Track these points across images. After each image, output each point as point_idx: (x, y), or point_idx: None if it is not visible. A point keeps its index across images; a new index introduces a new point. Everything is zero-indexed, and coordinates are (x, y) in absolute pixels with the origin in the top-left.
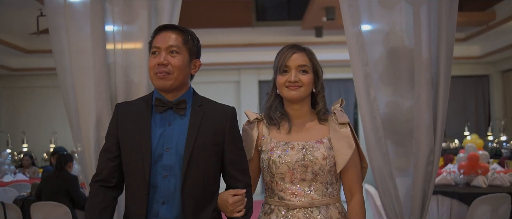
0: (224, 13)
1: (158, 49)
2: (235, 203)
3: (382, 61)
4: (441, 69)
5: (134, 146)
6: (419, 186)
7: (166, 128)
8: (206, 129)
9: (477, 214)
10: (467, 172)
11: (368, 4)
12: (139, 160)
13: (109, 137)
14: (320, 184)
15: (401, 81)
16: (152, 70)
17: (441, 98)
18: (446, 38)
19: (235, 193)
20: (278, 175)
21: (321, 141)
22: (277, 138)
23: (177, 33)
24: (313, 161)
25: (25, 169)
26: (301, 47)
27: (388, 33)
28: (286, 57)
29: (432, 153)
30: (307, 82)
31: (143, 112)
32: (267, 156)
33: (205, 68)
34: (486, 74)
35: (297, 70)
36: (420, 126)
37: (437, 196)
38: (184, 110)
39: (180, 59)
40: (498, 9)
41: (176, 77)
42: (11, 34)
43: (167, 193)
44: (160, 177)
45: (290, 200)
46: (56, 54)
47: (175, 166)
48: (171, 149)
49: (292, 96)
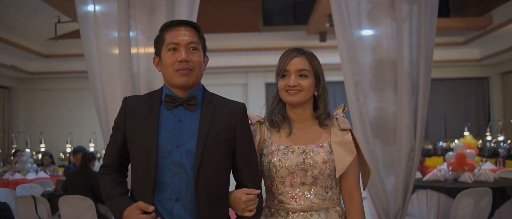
0: (232, 19)
1: (177, 45)
2: (248, 201)
3: (372, 71)
4: (420, 78)
5: (141, 142)
6: (401, 179)
7: (176, 124)
8: (217, 125)
9: (461, 206)
10: (455, 169)
11: (358, 20)
12: (145, 156)
13: (116, 130)
14: (320, 188)
15: (387, 89)
16: (172, 67)
17: (421, 104)
18: (425, 51)
19: (249, 193)
20: (278, 178)
21: (322, 145)
22: (278, 141)
23: (193, 29)
24: (313, 165)
25: (45, 167)
26: (302, 51)
27: (375, 47)
28: (286, 61)
29: (412, 150)
30: (307, 87)
31: (152, 108)
32: (268, 160)
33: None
34: (486, 77)
35: (297, 75)
36: (402, 127)
37: (426, 191)
38: (194, 106)
39: (199, 56)
40: (495, 15)
41: (196, 74)
42: (29, 40)
43: (179, 190)
44: (170, 174)
45: (290, 203)
46: (87, 59)
47: (186, 163)
48: (181, 145)
49: (292, 101)
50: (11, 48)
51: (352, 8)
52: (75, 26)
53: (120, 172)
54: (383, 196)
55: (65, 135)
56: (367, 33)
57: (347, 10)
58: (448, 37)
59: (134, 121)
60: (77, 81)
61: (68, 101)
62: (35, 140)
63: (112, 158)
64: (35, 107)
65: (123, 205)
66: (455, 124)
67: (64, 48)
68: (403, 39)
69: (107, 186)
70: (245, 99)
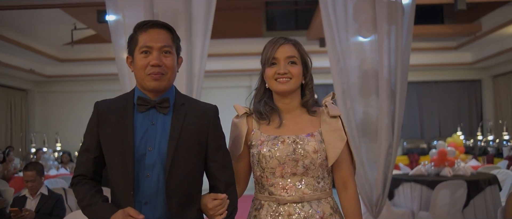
0: (237, 25)
1: (150, 49)
2: (215, 207)
3: (359, 81)
4: (397, 86)
5: (116, 146)
6: (381, 171)
7: (149, 127)
8: (189, 127)
9: (439, 197)
10: (437, 164)
11: (346, 37)
12: (123, 160)
13: (89, 136)
14: (311, 178)
15: (372, 95)
16: (143, 71)
17: (398, 107)
18: (401, 63)
19: (215, 197)
20: (268, 169)
21: (312, 134)
22: (267, 132)
23: (167, 31)
24: (304, 154)
25: (65, 164)
26: (288, 38)
27: (361, 60)
28: (274, 49)
29: (390, 146)
30: (297, 74)
31: (125, 111)
32: (257, 151)
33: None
34: (478, 79)
35: (286, 62)
36: (382, 127)
37: (410, 183)
38: (167, 108)
39: (172, 59)
40: (484, 22)
41: (169, 77)
42: (47, 45)
43: (149, 193)
44: (142, 177)
45: (281, 194)
46: (117, 63)
47: (158, 165)
48: (154, 148)
49: (282, 89)
50: (30, 53)
51: (341, 27)
52: (90, 33)
53: (96, 180)
54: (367, 185)
55: (80, 134)
56: (354, 47)
57: (337, 28)
58: (441, 42)
59: (108, 125)
60: (91, 84)
61: (82, 103)
62: (51, 140)
63: (86, 167)
64: (50, 109)
65: (108, 211)
66: (448, 124)
67: (79, 53)
68: (383, 53)
69: (86, 195)
70: (249, 101)
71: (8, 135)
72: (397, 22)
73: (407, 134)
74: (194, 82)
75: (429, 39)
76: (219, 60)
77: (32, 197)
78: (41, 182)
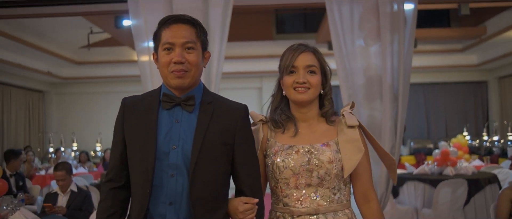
0: (248, 29)
1: (172, 45)
2: (245, 211)
3: (364, 87)
4: (400, 91)
5: (138, 143)
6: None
7: (173, 125)
8: (215, 127)
9: (441, 195)
10: (439, 164)
11: (352, 45)
12: (143, 157)
13: (116, 132)
14: (327, 189)
15: (377, 100)
16: (166, 68)
17: (400, 110)
18: (403, 68)
19: (247, 201)
20: (282, 180)
21: (328, 143)
22: (281, 141)
23: (190, 26)
24: (319, 164)
25: (83, 163)
26: (309, 46)
27: (366, 68)
28: (293, 56)
29: (393, 147)
30: (315, 84)
31: (150, 108)
32: (271, 160)
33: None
34: (484, 81)
35: (305, 71)
36: (385, 129)
37: (414, 182)
38: (192, 106)
39: (196, 55)
40: (488, 25)
41: (193, 74)
42: (63, 48)
43: (174, 194)
44: (166, 176)
45: (295, 206)
46: (140, 65)
47: (182, 165)
48: (178, 147)
49: (300, 99)
50: (48, 56)
51: (347, 36)
52: (105, 36)
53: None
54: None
55: (95, 134)
56: (359, 55)
57: (344, 38)
58: (448, 44)
59: (132, 121)
60: (105, 86)
61: (97, 104)
62: (68, 140)
63: (116, 171)
64: (67, 110)
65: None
66: (455, 124)
67: (95, 56)
68: (386, 60)
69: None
70: (260, 102)
71: (26, 135)
72: (400, 31)
73: (414, 134)
74: (212, 84)
75: (435, 42)
76: (230, 63)
77: (63, 194)
78: (71, 180)
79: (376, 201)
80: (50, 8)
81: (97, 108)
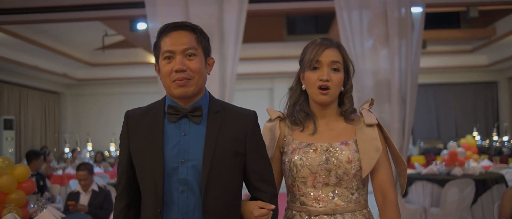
0: (259, 30)
1: (173, 53)
2: (260, 216)
3: (373, 90)
4: (407, 93)
5: (145, 159)
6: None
7: (181, 138)
8: (225, 138)
9: (448, 194)
10: (447, 164)
11: (361, 51)
12: (151, 174)
13: (122, 148)
14: (345, 189)
15: (385, 103)
16: (168, 78)
17: (408, 112)
18: (411, 72)
19: (263, 206)
20: (299, 178)
21: (347, 142)
22: (299, 138)
23: (190, 32)
24: (337, 164)
25: (98, 163)
26: (334, 41)
27: (374, 71)
28: (318, 52)
29: (401, 148)
30: (338, 83)
31: (156, 121)
32: (288, 158)
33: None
34: (495, 81)
35: (329, 68)
36: (394, 130)
37: (422, 182)
38: (200, 117)
39: (198, 62)
40: (498, 26)
41: (196, 82)
42: (79, 50)
43: (186, 210)
44: (176, 192)
45: (312, 205)
46: None
47: (193, 180)
48: (187, 161)
49: (322, 101)
50: (63, 58)
51: (357, 42)
52: (119, 38)
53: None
54: None
55: (109, 135)
56: (368, 60)
57: (353, 43)
58: (458, 45)
59: (138, 137)
60: (119, 87)
61: (112, 105)
62: (82, 140)
63: (124, 186)
64: (82, 110)
65: None
66: (465, 125)
67: (109, 58)
68: (394, 64)
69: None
70: (271, 102)
71: (42, 135)
72: (407, 35)
73: (424, 134)
74: (227, 86)
75: (445, 43)
76: (241, 64)
77: (85, 193)
78: (92, 179)
79: (393, 198)
80: (69, 14)
81: (111, 109)
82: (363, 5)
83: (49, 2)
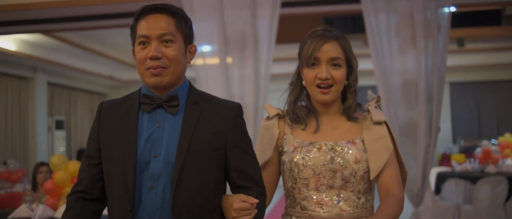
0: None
1: (147, 38)
2: (240, 210)
3: (401, 89)
4: (434, 93)
5: (116, 152)
6: (420, 166)
7: (154, 130)
8: (203, 131)
9: (481, 191)
10: (481, 162)
11: (389, 52)
12: (121, 168)
13: (91, 141)
14: (351, 193)
15: (411, 102)
16: (142, 65)
17: (435, 111)
18: (438, 72)
19: (245, 200)
20: (301, 180)
21: (353, 141)
22: (301, 136)
23: (168, 16)
24: (343, 164)
25: None
26: (333, 33)
27: (402, 72)
28: (315, 47)
29: (428, 145)
30: (340, 79)
31: (129, 112)
32: (289, 158)
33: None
34: None
35: (329, 64)
36: (421, 129)
37: (455, 179)
38: (176, 107)
39: (175, 49)
40: None
41: (173, 71)
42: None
43: (153, 209)
44: (145, 188)
45: (315, 210)
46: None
47: (164, 176)
48: (159, 155)
49: (323, 100)
50: (109, 60)
51: (385, 44)
52: None
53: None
54: (408, 179)
55: None
56: (396, 60)
57: (381, 45)
58: (498, 43)
59: (109, 128)
60: None
61: None
62: None
63: (88, 183)
64: None
65: None
66: (507, 123)
67: None
68: (421, 64)
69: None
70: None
71: None
72: (433, 36)
73: (465, 132)
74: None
75: (486, 40)
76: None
77: None
78: None
79: (397, 194)
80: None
81: None
82: (390, 9)
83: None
